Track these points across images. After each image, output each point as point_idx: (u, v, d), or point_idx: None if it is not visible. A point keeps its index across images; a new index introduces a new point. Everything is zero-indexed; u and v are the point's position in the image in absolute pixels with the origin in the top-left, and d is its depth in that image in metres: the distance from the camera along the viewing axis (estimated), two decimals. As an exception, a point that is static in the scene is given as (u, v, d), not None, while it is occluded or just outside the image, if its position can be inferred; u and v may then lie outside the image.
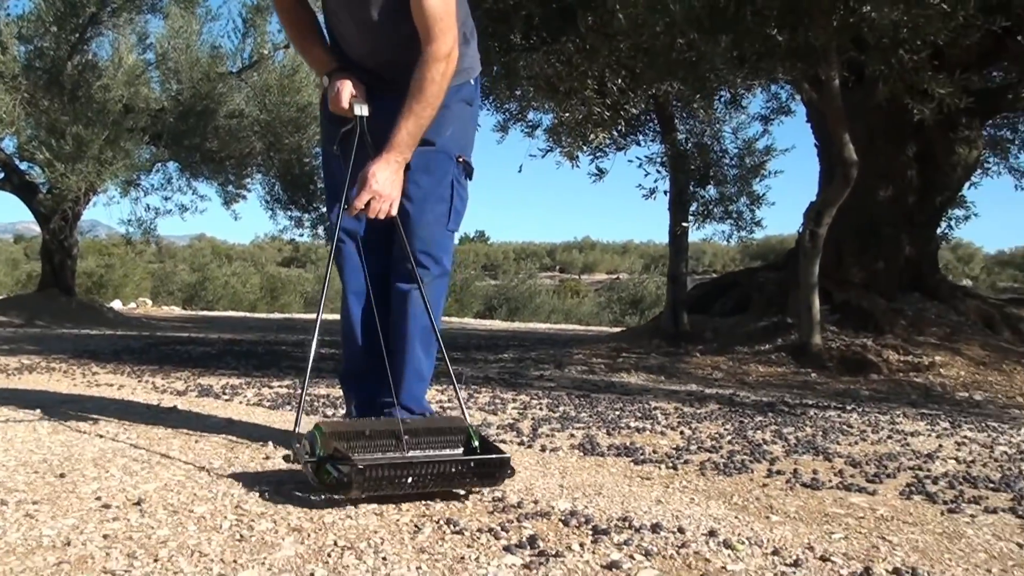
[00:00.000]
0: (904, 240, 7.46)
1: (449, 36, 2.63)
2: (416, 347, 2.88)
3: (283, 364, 6.24)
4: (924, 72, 4.92)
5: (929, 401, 5.21)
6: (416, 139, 2.67)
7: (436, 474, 2.27)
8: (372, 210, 2.60)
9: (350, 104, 2.73)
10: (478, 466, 2.35)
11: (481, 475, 2.35)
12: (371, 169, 2.60)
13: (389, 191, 2.61)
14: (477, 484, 2.39)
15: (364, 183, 2.59)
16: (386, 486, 2.22)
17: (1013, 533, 2.32)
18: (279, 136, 13.03)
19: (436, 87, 2.63)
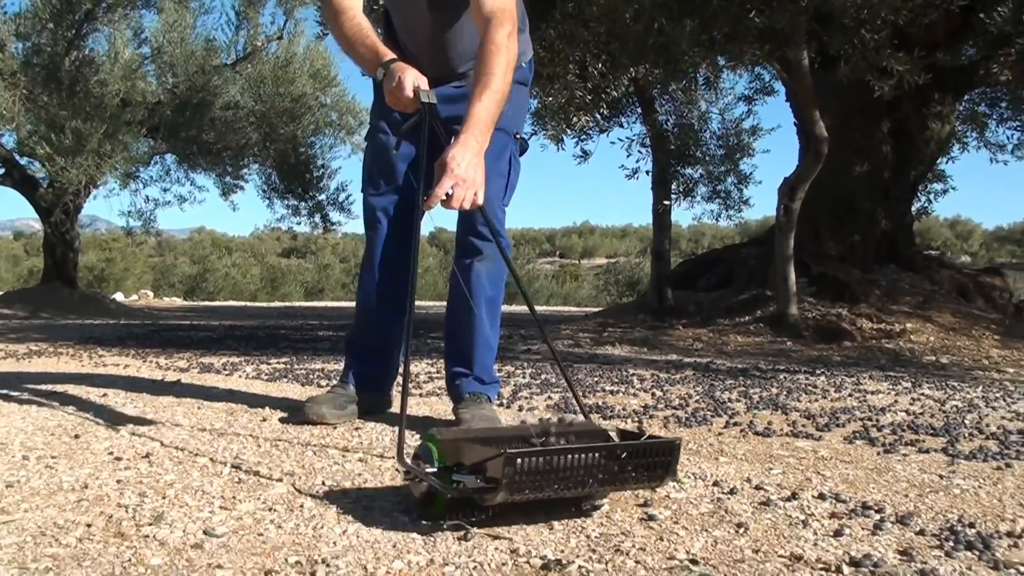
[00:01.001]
0: (880, 214, 7.70)
1: (512, 24, 2.63)
2: (484, 319, 2.89)
3: (281, 345, 6.48)
4: (885, 51, 5.15)
5: (897, 365, 5.46)
6: (494, 119, 2.54)
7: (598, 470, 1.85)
8: (456, 199, 2.34)
9: (415, 93, 2.53)
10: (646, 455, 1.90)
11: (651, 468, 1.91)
12: (451, 154, 2.36)
13: (472, 175, 2.36)
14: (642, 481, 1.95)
15: (445, 169, 2.34)
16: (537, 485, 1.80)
17: (938, 468, 2.56)
18: (274, 127, 13.26)
19: (505, 64, 2.56)
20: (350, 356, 3.14)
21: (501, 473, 1.74)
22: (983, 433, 3.13)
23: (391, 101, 2.59)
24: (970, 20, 6.23)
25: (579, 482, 1.84)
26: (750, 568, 1.65)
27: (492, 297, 2.91)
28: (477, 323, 2.89)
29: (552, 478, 1.80)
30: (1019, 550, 1.80)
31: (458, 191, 2.34)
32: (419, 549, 1.72)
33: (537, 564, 1.64)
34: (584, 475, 1.83)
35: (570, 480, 1.82)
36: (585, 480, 1.84)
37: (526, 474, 1.76)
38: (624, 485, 1.94)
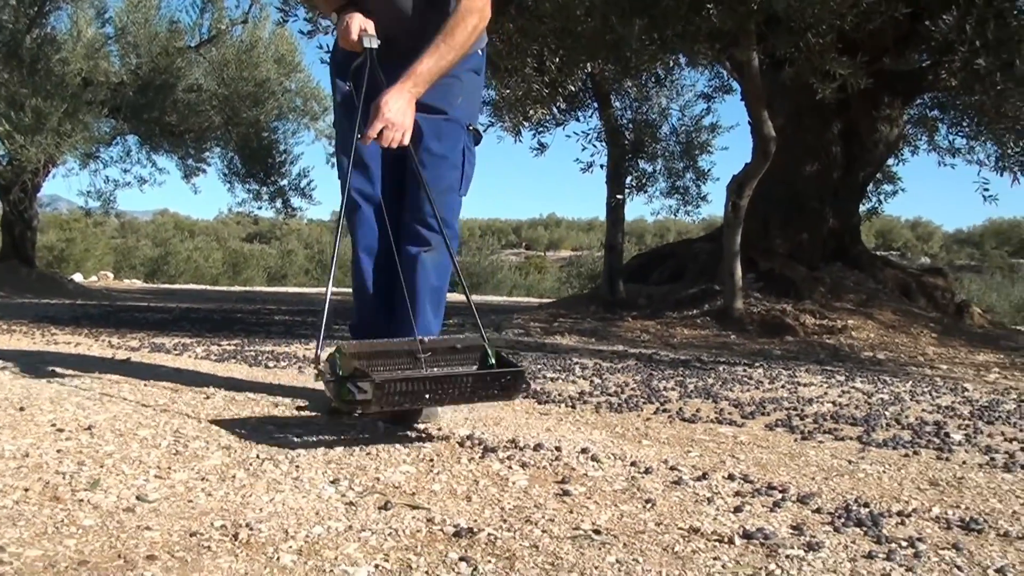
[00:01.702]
0: (828, 212, 7.89)
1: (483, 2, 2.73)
2: (427, 308, 2.92)
3: (235, 327, 6.54)
4: (829, 55, 5.30)
5: (835, 360, 5.62)
6: (434, 77, 2.69)
7: (452, 388, 2.36)
8: (384, 139, 2.59)
9: (359, 37, 2.72)
10: (493, 379, 2.43)
11: (497, 388, 2.44)
12: (383, 98, 2.58)
13: (402, 120, 2.59)
14: (493, 398, 2.53)
15: (377, 112, 2.58)
16: (404, 401, 2.31)
17: (849, 454, 2.70)
18: (237, 110, 13.25)
19: (465, 36, 2.70)
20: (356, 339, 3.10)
21: (371, 393, 2.24)
22: (900, 424, 3.28)
23: (341, 43, 2.79)
24: (917, 27, 6.40)
25: (442, 398, 2.37)
26: (649, 538, 1.77)
27: (437, 287, 2.94)
28: (420, 312, 2.89)
29: (417, 395, 2.31)
30: (904, 527, 1.94)
31: (387, 132, 2.58)
32: (340, 516, 1.83)
33: (450, 531, 1.76)
34: (444, 393, 2.36)
35: (433, 396, 2.34)
36: (446, 396, 2.37)
37: (393, 393, 2.27)
38: (476, 400, 2.51)
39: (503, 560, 1.61)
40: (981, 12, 5.88)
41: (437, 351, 2.61)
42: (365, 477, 2.14)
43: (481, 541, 1.71)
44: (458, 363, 2.63)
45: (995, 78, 5.88)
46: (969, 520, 1.99)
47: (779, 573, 1.61)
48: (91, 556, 1.54)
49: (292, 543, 1.65)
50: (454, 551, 1.64)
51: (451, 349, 2.64)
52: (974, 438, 3.06)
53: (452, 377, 2.42)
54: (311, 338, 5.77)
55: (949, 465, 2.61)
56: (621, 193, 8.07)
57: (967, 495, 2.27)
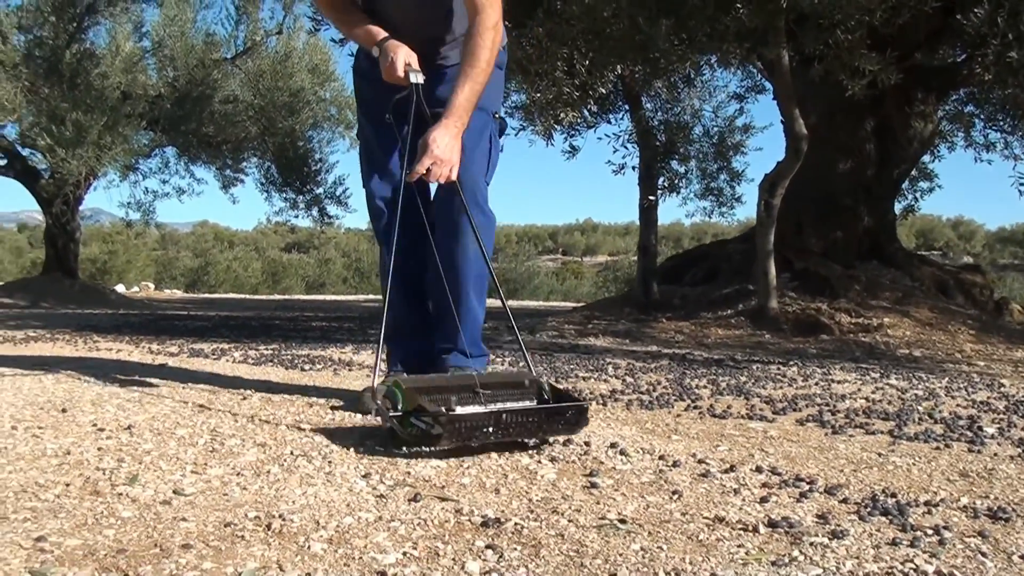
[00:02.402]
0: (862, 210, 7.84)
1: (496, 7, 2.79)
2: (471, 294, 2.99)
3: (273, 333, 6.63)
4: (858, 51, 5.28)
5: (871, 358, 5.59)
6: (473, 105, 2.76)
7: (520, 423, 2.37)
8: (433, 175, 2.67)
9: (405, 72, 2.78)
10: (559, 414, 2.45)
11: (561, 423, 2.45)
12: (432, 135, 2.66)
13: (449, 155, 2.67)
14: (557, 432, 2.49)
15: (425, 148, 2.65)
16: (473, 436, 2.30)
17: (880, 447, 2.70)
18: (273, 120, 13.41)
19: (488, 54, 2.75)
20: (392, 345, 3.20)
21: (443, 429, 2.22)
22: (933, 418, 3.27)
23: (386, 77, 2.81)
24: (949, 21, 6.35)
25: (507, 432, 2.34)
26: (674, 527, 1.79)
27: (479, 273, 2.98)
28: (464, 298, 2.97)
29: (483, 431, 2.30)
30: (931, 516, 1.95)
31: (435, 168, 2.66)
32: (370, 508, 1.87)
33: (478, 522, 1.79)
34: (510, 428, 2.35)
35: (502, 430, 2.33)
36: (511, 430, 2.35)
37: (464, 429, 2.27)
38: (545, 433, 2.47)
39: (529, 548, 1.64)
40: (1014, 4, 5.83)
41: (493, 385, 2.60)
42: (396, 471, 2.18)
43: (508, 530, 1.74)
44: (513, 397, 2.61)
45: (1030, 71, 5.82)
46: (997, 509, 1.99)
47: (802, 559, 1.62)
48: (128, 545, 1.59)
49: (323, 532, 1.69)
50: (481, 540, 1.68)
51: (506, 384, 2.64)
52: (1007, 431, 3.04)
53: (521, 412, 2.41)
54: (346, 342, 5.83)
55: (980, 457, 2.60)
56: (653, 195, 8.08)
57: (997, 486, 2.26)
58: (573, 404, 2.50)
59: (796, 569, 1.57)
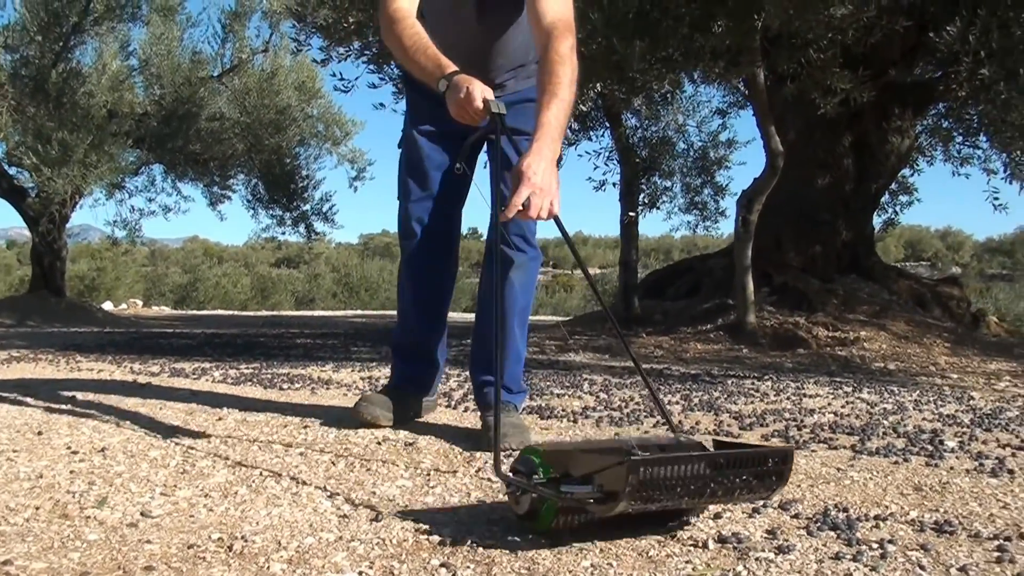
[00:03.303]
0: (841, 225, 7.94)
1: (572, 36, 2.65)
2: (515, 328, 2.93)
3: (256, 352, 6.67)
4: (830, 70, 5.37)
5: (846, 371, 5.67)
6: (564, 126, 2.55)
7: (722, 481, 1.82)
8: (533, 208, 2.30)
9: (484, 104, 2.47)
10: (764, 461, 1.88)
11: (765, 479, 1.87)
12: (526, 162, 2.33)
13: (549, 185, 2.33)
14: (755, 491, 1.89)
15: (521, 178, 2.31)
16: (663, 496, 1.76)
17: (840, 462, 2.76)
18: (259, 137, 13.48)
19: (571, 73, 2.56)
20: (396, 359, 3.19)
21: (624, 482, 1.68)
22: (897, 432, 3.33)
23: (457, 113, 2.52)
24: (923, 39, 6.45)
25: (697, 492, 1.79)
26: (626, 544, 1.85)
27: (523, 307, 2.95)
28: (508, 332, 2.91)
29: (672, 488, 1.76)
30: (878, 530, 2.01)
31: (535, 200, 2.30)
32: (332, 528, 1.92)
33: (436, 540, 1.84)
34: (702, 485, 1.79)
35: (688, 490, 1.78)
36: (703, 490, 1.80)
37: (648, 483, 1.72)
38: (738, 496, 1.87)
39: (482, 565, 1.69)
40: (985, 22, 5.93)
41: (650, 449, 1.90)
42: (362, 491, 2.23)
43: (464, 548, 1.79)
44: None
45: (999, 88, 5.92)
46: (944, 523, 2.05)
47: (745, 574, 1.68)
48: (92, 568, 1.64)
49: (283, 553, 1.75)
50: (436, 558, 1.73)
51: (661, 448, 1.96)
52: (968, 445, 3.11)
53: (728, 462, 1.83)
54: (327, 360, 5.88)
55: (937, 471, 2.66)
56: (634, 211, 8.16)
57: (948, 499, 2.32)
58: (779, 448, 2.09)
59: (739, 584, 1.63)
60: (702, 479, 1.78)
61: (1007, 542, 1.92)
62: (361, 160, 14.94)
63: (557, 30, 2.61)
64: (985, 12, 5.97)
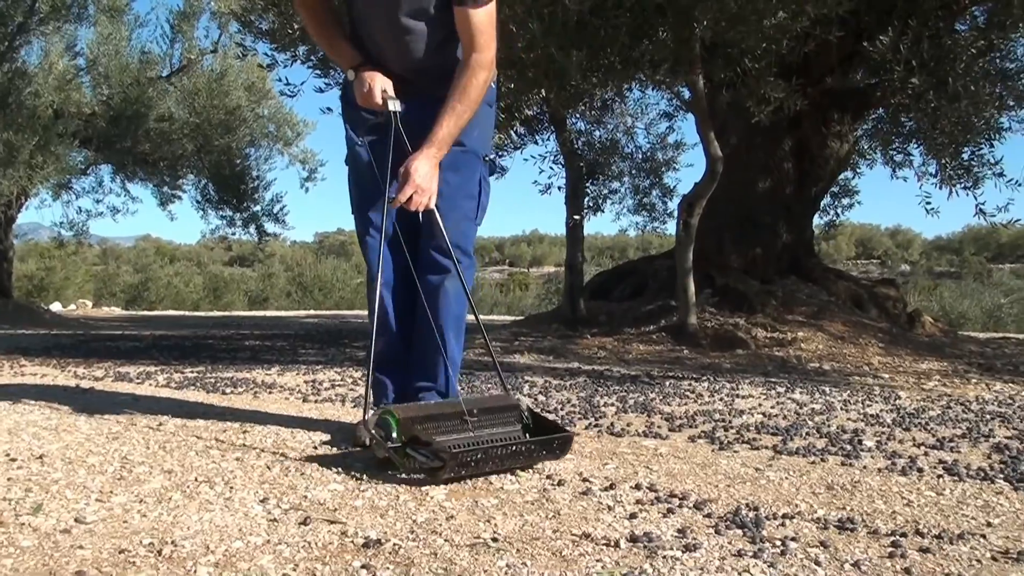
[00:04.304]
0: (782, 227, 8.12)
1: (492, 48, 2.83)
2: (450, 336, 2.98)
3: (203, 354, 6.68)
4: (764, 78, 5.52)
5: (781, 372, 5.81)
6: (454, 137, 2.81)
7: (510, 454, 2.54)
8: (413, 203, 2.73)
9: (383, 100, 2.84)
10: (549, 444, 2.63)
11: (547, 450, 2.64)
12: (412, 164, 2.72)
13: (429, 185, 2.74)
14: (542, 459, 2.67)
15: (406, 177, 2.71)
16: (472, 469, 2.46)
17: (759, 462, 2.88)
18: (209, 138, 13.43)
19: (477, 92, 2.80)
20: (385, 377, 3.14)
21: (445, 464, 2.37)
22: (819, 433, 3.46)
23: (361, 102, 2.88)
24: (858, 47, 6.63)
25: (503, 462, 2.53)
26: (542, 544, 1.95)
27: (458, 314, 3.01)
28: (445, 339, 2.97)
29: (483, 463, 2.48)
30: (784, 528, 2.12)
31: (416, 197, 2.73)
32: (261, 532, 2.00)
33: (360, 543, 1.93)
34: (507, 458, 2.53)
35: (496, 461, 2.51)
36: (506, 461, 2.53)
37: (463, 464, 2.42)
38: (535, 461, 2.66)
39: (401, 567, 1.78)
40: (916, 32, 6.12)
41: (480, 412, 2.69)
42: (294, 496, 2.31)
43: (386, 551, 1.88)
44: (498, 423, 2.72)
45: (929, 96, 6.11)
46: (846, 520, 2.17)
47: (651, 571, 1.78)
48: (24, 573, 1.71)
49: (211, 556, 1.82)
50: (359, 560, 1.81)
51: (491, 409, 2.74)
52: (885, 445, 3.24)
53: (517, 444, 2.60)
54: (273, 363, 5.92)
55: (851, 471, 2.79)
56: (579, 214, 8.28)
57: (857, 498, 2.44)
58: (561, 435, 2.67)
59: (644, 581, 1.73)
60: (503, 458, 2.52)
61: (902, 538, 2.05)
62: (312, 161, 14.92)
63: (476, 43, 2.78)
64: (916, 23, 6.15)
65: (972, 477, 2.72)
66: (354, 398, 4.18)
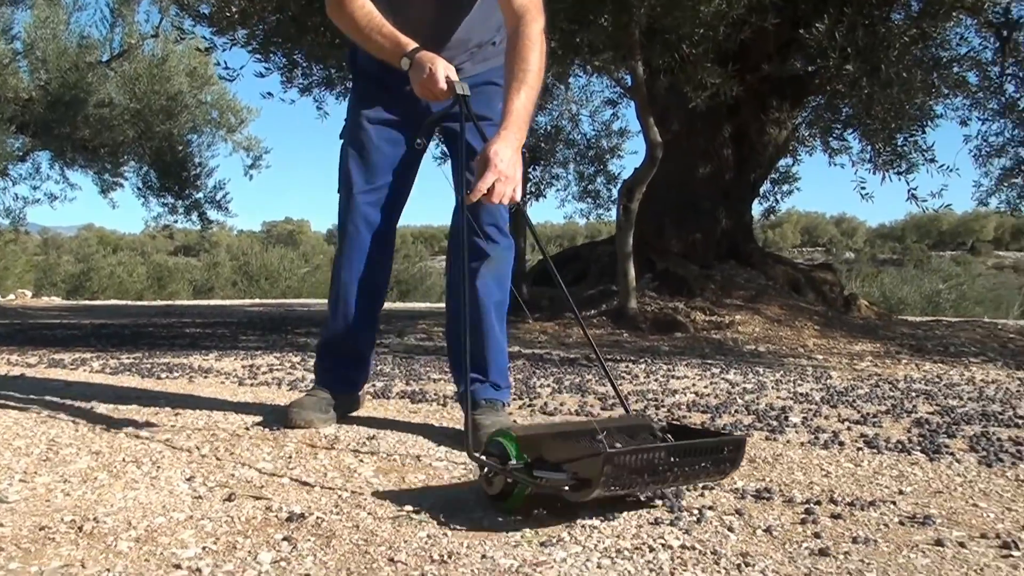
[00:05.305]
0: (721, 213, 8.24)
1: (543, 13, 2.62)
2: (493, 321, 2.84)
3: (141, 342, 6.62)
4: (701, 64, 5.59)
5: (718, 354, 5.91)
6: (531, 113, 2.54)
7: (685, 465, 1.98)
8: (496, 193, 2.34)
9: (448, 84, 2.51)
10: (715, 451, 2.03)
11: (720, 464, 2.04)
12: (493, 148, 2.35)
13: (513, 172, 2.37)
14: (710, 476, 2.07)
15: (487, 164, 2.34)
16: (635, 482, 1.93)
17: (686, 439, 2.94)
18: (150, 124, 13.22)
19: (540, 59, 2.54)
20: (326, 359, 3.08)
21: (599, 472, 1.82)
22: (748, 410, 3.53)
23: (421, 92, 2.56)
24: (795, 35, 6.73)
25: (663, 478, 1.96)
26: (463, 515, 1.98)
27: (500, 300, 2.86)
28: (488, 328, 2.82)
29: (640, 475, 1.91)
30: (703, 499, 2.18)
31: (499, 186, 2.34)
32: (185, 508, 2.00)
33: (284, 517, 1.94)
34: (666, 471, 1.95)
35: (655, 476, 1.94)
36: (667, 476, 1.96)
37: (620, 472, 1.87)
38: (696, 479, 2.06)
39: (323, 539, 1.80)
40: (852, 20, 6.23)
41: (613, 431, 2.14)
42: (221, 474, 2.31)
43: (309, 524, 1.90)
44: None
45: (863, 83, 6.23)
46: (763, 490, 2.23)
47: (568, 539, 1.82)
48: (-60, 550, 1.70)
49: (132, 532, 1.83)
50: (280, 533, 1.83)
51: (625, 429, 2.20)
52: (811, 420, 3.32)
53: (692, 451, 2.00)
54: (212, 349, 5.89)
55: (774, 445, 2.86)
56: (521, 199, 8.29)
57: (777, 469, 2.51)
58: (735, 438, 2.17)
59: (559, 548, 1.77)
60: (666, 466, 1.94)
61: (816, 506, 2.11)
62: (257, 148, 14.76)
63: (529, 13, 2.58)
64: (852, 10, 6.27)
65: (890, 449, 2.80)
66: (290, 381, 4.18)
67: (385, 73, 2.69)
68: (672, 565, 1.68)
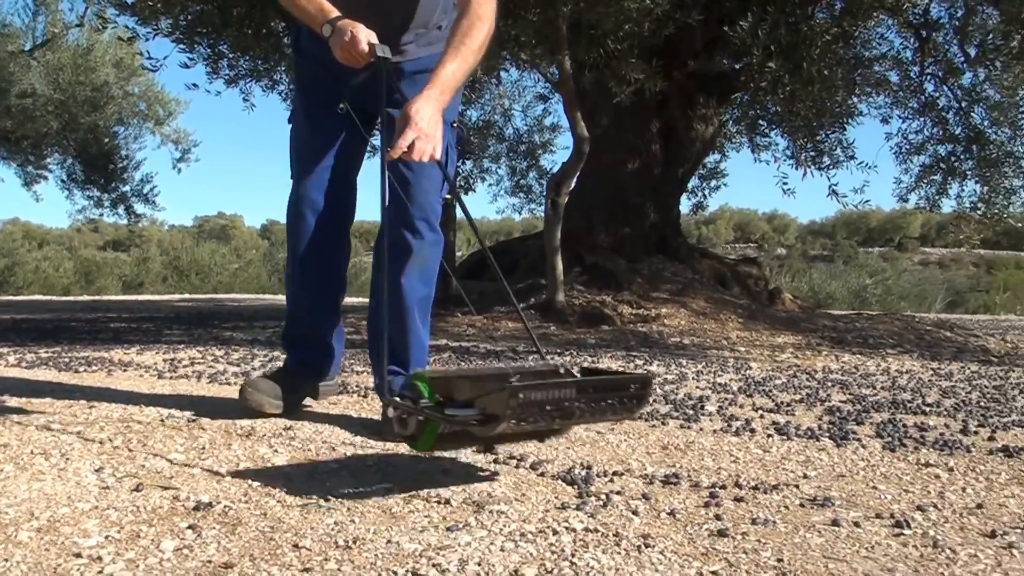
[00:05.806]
0: (649, 207, 8.34)
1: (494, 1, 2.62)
2: (415, 317, 2.83)
3: (62, 336, 6.50)
4: (626, 60, 5.66)
5: (643, 346, 5.98)
6: (459, 83, 2.55)
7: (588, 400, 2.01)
8: (416, 152, 2.31)
9: (370, 47, 2.51)
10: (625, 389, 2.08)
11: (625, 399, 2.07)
12: (414, 107, 2.34)
13: (433, 131, 2.35)
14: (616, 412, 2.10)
15: (407, 121, 2.32)
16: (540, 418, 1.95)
17: (603, 427, 2.97)
18: (75, 116, 12.99)
19: (481, 42, 2.54)
20: (289, 347, 3.08)
21: (505, 406, 1.86)
22: (667, 400, 3.59)
23: (343, 57, 2.55)
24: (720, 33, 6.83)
25: (568, 414, 1.98)
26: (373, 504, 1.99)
27: (424, 296, 2.86)
28: (410, 322, 2.81)
29: (546, 410, 1.94)
30: (612, 484, 2.21)
31: (419, 144, 2.32)
32: (90, 499, 1.98)
33: (191, 506, 1.94)
34: (573, 406, 1.98)
35: (562, 411, 1.97)
36: (573, 412, 1.99)
37: (526, 406, 1.90)
38: (604, 416, 2.09)
39: (228, 526, 1.80)
40: (775, 18, 6.35)
41: (528, 375, 2.21)
42: (132, 465, 2.29)
43: (216, 512, 1.89)
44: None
45: (785, 80, 6.35)
46: (671, 476, 2.28)
47: (475, 524, 1.84)
48: None
49: (35, 522, 1.80)
50: (186, 521, 1.83)
51: (539, 373, 2.25)
52: (726, 409, 3.39)
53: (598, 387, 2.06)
54: (134, 343, 5.81)
55: (688, 433, 2.92)
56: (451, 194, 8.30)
57: (688, 456, 2.56)
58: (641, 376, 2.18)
59: (466, 532, 1.79)
60: (573, 402, 1.98)
61: (721, 490, 2.16)
62: (186, 141, 14.58)
63: None
64: (775, 9, 6.39)
65: (800, 436, 2.88)
66: (211, 374, 4.14)
67: (327, 54, 2.64)
68: (574, 547, 1.71)
